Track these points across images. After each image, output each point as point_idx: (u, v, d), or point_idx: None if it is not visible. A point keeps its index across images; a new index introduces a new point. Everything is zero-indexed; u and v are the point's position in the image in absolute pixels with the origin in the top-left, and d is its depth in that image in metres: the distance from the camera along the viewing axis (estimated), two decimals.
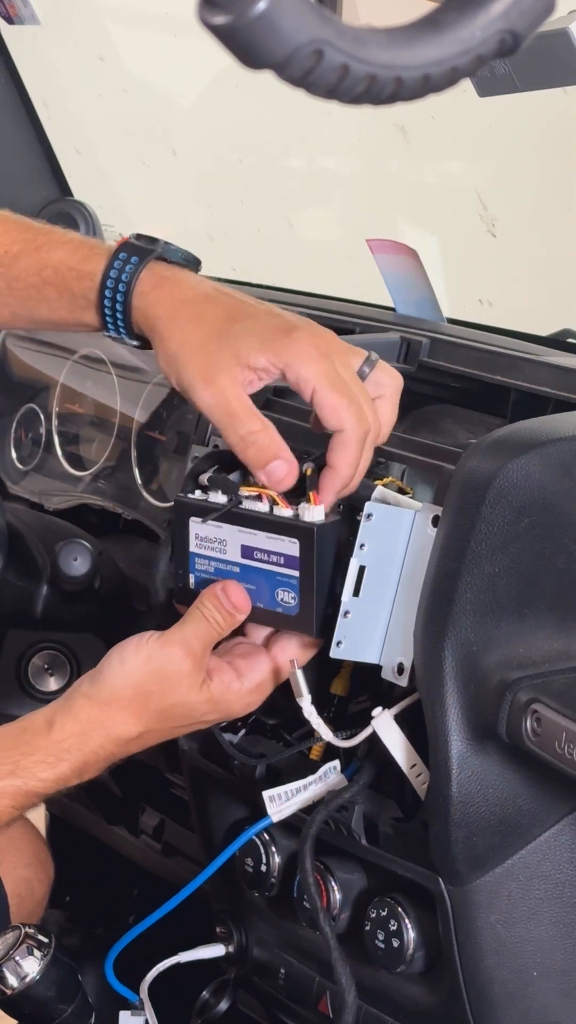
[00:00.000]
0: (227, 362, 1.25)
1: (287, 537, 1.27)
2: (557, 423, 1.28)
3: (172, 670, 1.27)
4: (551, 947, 1.26)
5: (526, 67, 1.41)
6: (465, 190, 2.18)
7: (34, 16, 2.18)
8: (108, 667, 1.29)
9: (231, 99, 2.35)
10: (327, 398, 1.24)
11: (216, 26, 0.74)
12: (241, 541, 1.30)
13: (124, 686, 1.28)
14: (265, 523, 1.28)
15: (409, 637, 1.24)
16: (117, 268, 1.32)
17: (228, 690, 1.29)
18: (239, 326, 1.27)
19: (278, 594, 1.28)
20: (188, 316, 1.29)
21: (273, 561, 1.28)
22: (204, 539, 1.33)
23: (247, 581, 1.30)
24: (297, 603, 1.27)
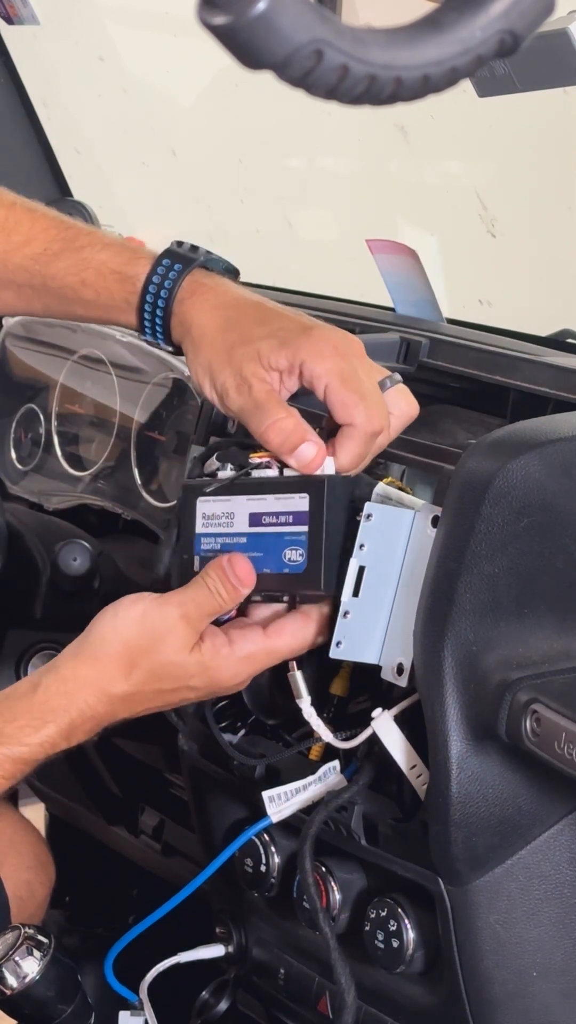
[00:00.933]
0: (251, 364, 1.27)
1: (297, 494, 1.27)
2: (557, 423, 1.28)
3: (165, 629, 1.26)
4: (551, 947, 1.26)
5: (526, 67, 1.41)
6: (465, 190, 2.18)
7: (34, 16, 2.18)
8: (100, 622, 1.28)
9: (231, 99, 2.35)
10: (338, 393, 1.25)
11: (216, 26, 0.74)
12: (249, 509, 1.30)
13: (114, 640, 1.27)
14: (275, 485, 1.29)
15: (409, 637, 1.24)
16: (160, 274, 1.34)
17: (218, 654, 1.27)
18: (263, 329, 1.28)
19: (285, 554, 1.28)
20: (220, 323, 1.30)
21: (282, 522, 1.28)
22: (211, 517, 1.33)
23: (254, 549, 1.29)
24: (305, 558, 1.27)
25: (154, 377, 1.85)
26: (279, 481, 1.29)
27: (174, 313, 1.33)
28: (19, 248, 1.41)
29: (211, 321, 1.31)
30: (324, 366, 1.26)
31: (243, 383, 1.27)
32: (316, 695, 1.31)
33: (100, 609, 1.76)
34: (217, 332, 1.30)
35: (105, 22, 2.49)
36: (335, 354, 1.26)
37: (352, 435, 1.26)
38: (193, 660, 1.27)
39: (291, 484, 1.28)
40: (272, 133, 2.41)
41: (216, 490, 1.32)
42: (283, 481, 1.28)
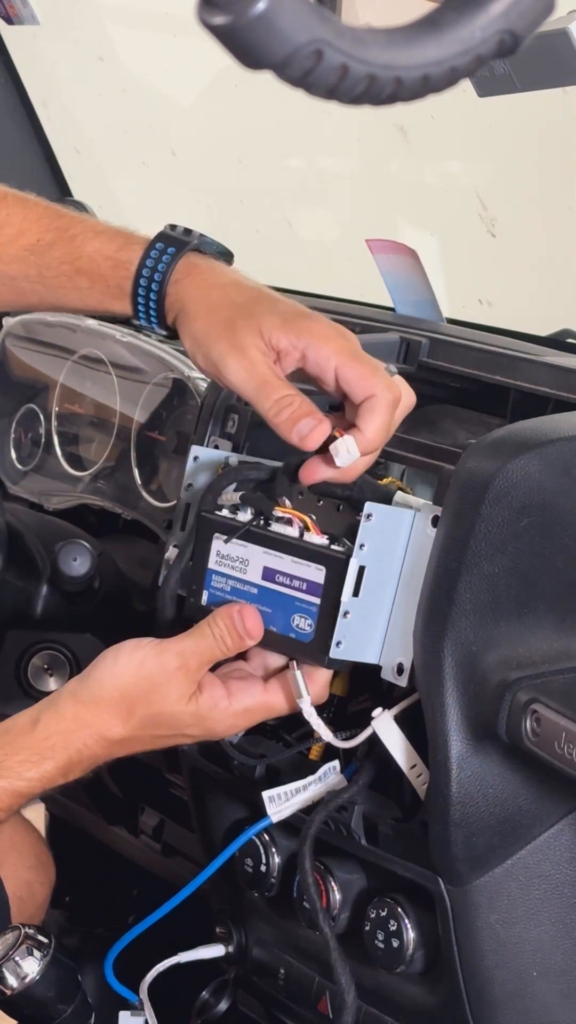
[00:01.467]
0: (253, 337, 1.25)
1: (314, 564, 1.26)
2: (557, 423, 1.28)
3: (163, 680, 1.27)
4: (551, 947, 1.26)
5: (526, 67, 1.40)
6: (465, 190, 2.18)
7: (34, 16, 2.18)
8: (100, 666, 1.29)
9: (231, 99, 2.35)
10: (352, 368, 1.24)
11: (215, 26, 0.74)
12: (265, 563, 1.30)
13: (112, 687, 1.27)
14: (294, 548, 1.28)
15: (409, 637, 1.24)
16: (153, 258, 1.33)
17: (215, 707, 1.28)
18: (263, 306, 1.27)
19: (294, 619, 1.28)
20: (216, 298, 1.29)
21: (295, 586, 1.28)
22: (225, 557, 1.32)
23: (264, 603, 1.30)
24: (313, 630, 1.26)
25: (154, 377, 1.85)
26: (298, 545, 1.28)
27: (168, 294, 1.32)
28: (13, 240, 1.41)
29: (206, 295, 1.30)
30: (330, 347, 1.24)
31: (243, 355, 1.25)
32: None
33: (100, 610, 1.76)
34: (214, 304, 1.28)
35: (105, 22, 2.49)
36: (337, 335, 1.26)
37: (375, 407, 1.23)
38: (189, 711, 1.27)
39: (310, 552, 1.27)
40: (272, 133, 2.41)
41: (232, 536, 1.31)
42: (302, 546, 1.27)
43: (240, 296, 1.29)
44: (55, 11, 2.32)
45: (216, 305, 1.29)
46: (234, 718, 1.29)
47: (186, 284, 1.31)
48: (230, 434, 1.50)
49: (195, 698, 1.27)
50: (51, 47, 2.42)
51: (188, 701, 1.27)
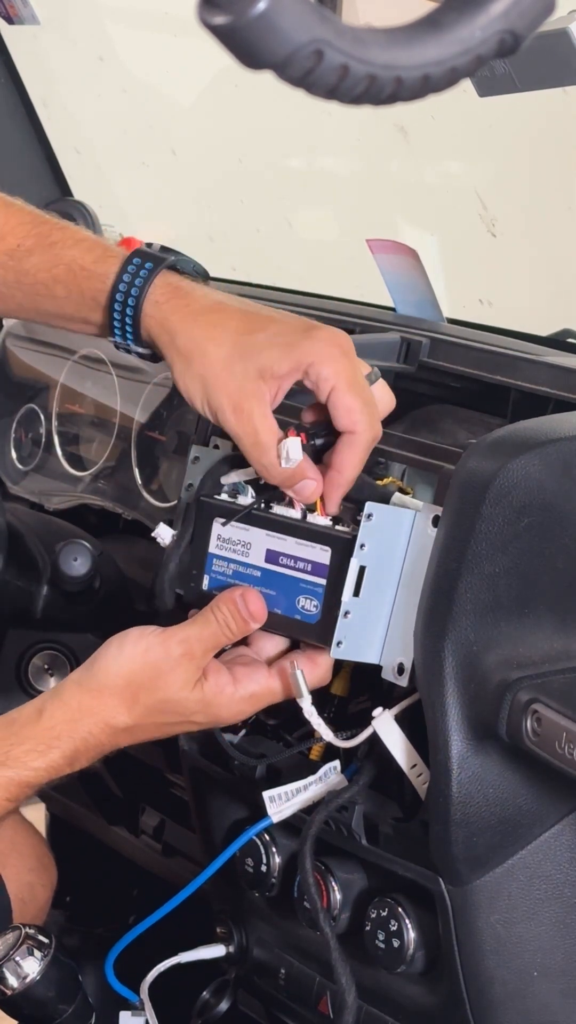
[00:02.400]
0: (253, 384, 1.25)
1: (319, 544, 1.26)
2: (557, 423, 1.28)
3: (168, 667, 1.27)
4: (551, 947, 1.26)
5: (526, 67, 1.40)
6: (465, 190, 2.18)
7: (34, 16, 2.18)
8: (105, 654, 1.29)
9: (231, 99, 2.35)
10: (344, 398, 1.25)
11: (216, 26, 0.74)
12: (268, 545, 1.30)
13: (117, 674, 1.27)
14: (298, 529, 1.28)
15: (409, 637, 1.24)
16: (131, 272, 1.32)
17: (221, 693, 1.28)
18: (259, 336, 1.27)
19: (299, 601, 1.28)
20: (205, 331, 1.28)
21: (300, 568, 1.28)
22: (226, 541, 1.32)
23: (267, 586, 1.30)
24: (319, 611, 1.27)
25: (154, 377, 1.85)
26: (302, 526, 1.28)
27: (149, 315, 1.31)
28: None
29: (194, 329, 1.29)
30: (332, 368, 1.25)
31: (240, 408, 1.26)
32: (316, 695, 1.31)
33: (100, 610, 1.76)
34: (208, 343, 1.27)
35: (105, 22, 2.49)
36: (342, 356, 1.26)
37: (353, 443, 1.26)
38: (195, 697, 1.28)
39: (315, 533, 1.27)
40: (272, 133, 2.41)
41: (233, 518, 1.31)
42: (307, 527, 1.28)
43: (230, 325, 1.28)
44: (55, 11, 2.32)
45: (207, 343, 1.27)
46: (240, 704, 1.29)
47: (169, 309, 1.30)
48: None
49: (200, 684, 1.28)
50: (51, 47, 2.42)
51: (193, 687, 1.27)
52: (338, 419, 1.26)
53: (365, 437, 1.26)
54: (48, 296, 1.38)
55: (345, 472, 1.26)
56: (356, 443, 1.26)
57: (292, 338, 1.26)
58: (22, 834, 1.68)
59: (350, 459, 1.26)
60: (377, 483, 1.32)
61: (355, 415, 1.25)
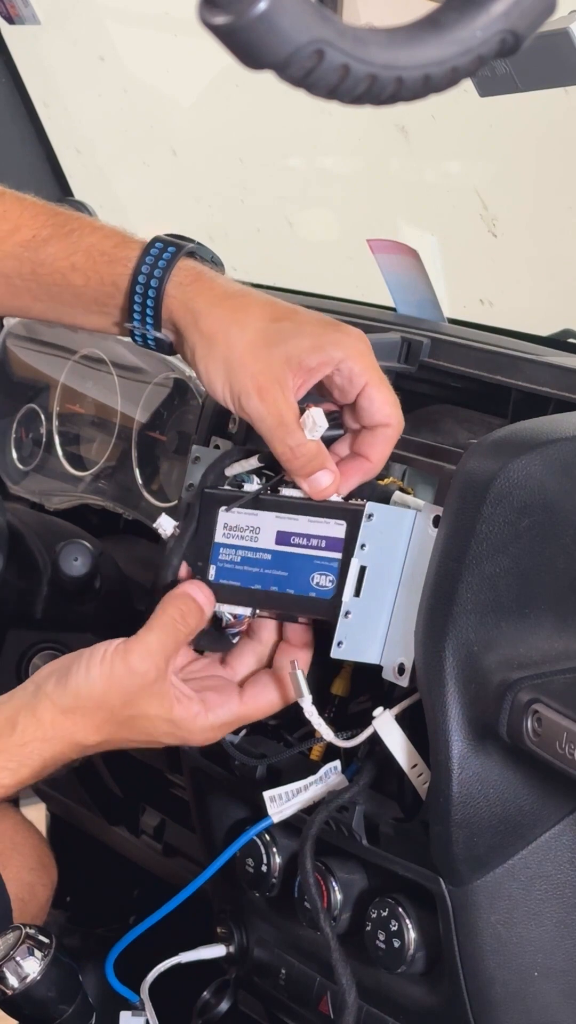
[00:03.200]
0: (279, 369, 1.25)
1: (333, 520, 1.27)
2: (558, 423, 1.28)
3: (134, 687, 1.26)
4: (552, 947, 1.26)
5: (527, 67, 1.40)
6: (465, 190, 2.18)
7: (34, 16, 2.18)
8: (75, 673, 1.28)
9: (231, 99, 2.35)
10: (380, 392, 1.27)
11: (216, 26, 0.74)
12: (278, 527, 1.30)
13: (88, 696, 1.27)
14: (309, 508, 1.28)
15: (410, 637, 1.23)
16: (153, 255, 1.31)
17: (192, 720, 1.28)
18: (285, 324, 1.26)
19: (313, 578, 1.27)
20: (230, 314, 1.27)
21: (313, 545, 1.28)
22: (233, 528, 1.32)
23: (279, 568, 1.29)
24: (335, 585, 1.26)
25: (155, 377, 1.85)
26: (314, 504, 1.28)
27: (172, 296, 1.30)
28: (8, 236, 1.39)
29: (223, 313, 1.27)
30: (363, 363, 1.26)
31: (266, 390, 1.25)
32: (317, 695, 1.31)
33: (100, 610, 1.76)
34: (234, 326, 1.26)
35: (106, 22, 2.49)
36: (369, 352, 1.27)
37: (388, 436, 1.28)
38: (164, 718, 1.28)
39: (328, 509, 1.27)
40: (273, 133, 2.41)
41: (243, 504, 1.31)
42: (319, 505, 1.28)
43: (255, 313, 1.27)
44: (56, 11, 2.32)
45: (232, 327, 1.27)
46: (209, 731, 1.30)
47: (194, 291, 1.30)
48: (231, 434, 1.50)
49: (171, 707, 1.27)
50: (52, 47, 2.42)
51: (162, 704, 1.27)
52: (373, 413, 1.27)
53: (396, 430, 1.28)
54: (65, 286, 1.37)
55: (376, 462, 1.29)
56: (389, 436, 1.28)
57: (321, 331, 1.26)
58: (22, 834, 1.68)
59: (383, 450, 1.28)
60: (378, 483, 1.32)
61: (388, 408, 1.27)
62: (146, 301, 1.31)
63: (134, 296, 1.32)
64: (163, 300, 1.30)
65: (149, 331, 1.33)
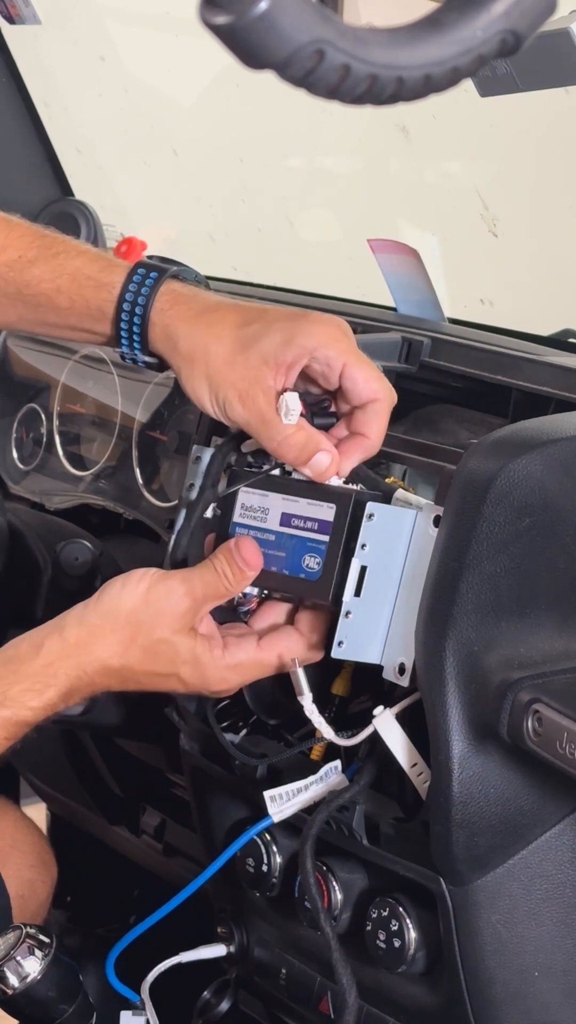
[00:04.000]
0: (257, 372, 1.27)
1: (326, 503, 1.28)
2: (558, 423, 1.28)
3: (169, 606, 1.28)
4: (552, 947, 1.26)
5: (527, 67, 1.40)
6: (466, 190, 2.18)
7: (35, 16, 2.18)
8: (108, 591, 1.29)
9: (232, 99, 2.35)
10: (360, 370, 1.28)
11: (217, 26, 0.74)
12: (283, 509, 1.32)
13: (118, 611, 1.28)
14: (310, 489, 1.30)
15: (410, 637, 1.24)
16: (136, 282, 1.34)
17: (210, 654, 1.29)
18: (256, 327, 1.29)
19: (304, 560, 1.29)
20: (205, 331, 1.31)
21: (308, 527, 1.30)
22: (248, 508, 1.34)
23: (280, 548, 1.31)
24: (320, 567, 1.28)
25: (156, 377, 1.85)
26: (312, 487, 1.30)
27: (154, 323, 1.33)
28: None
29: (199, 332, 1.31)
30: (337, 348, 1.27)
31: (247, 395, 1.28)
32: (317, 695, 1.31)
33: None
34: (210, 342, 1.30)
35: (106, 22, 2.49)
36: (343, 335, 1.29)
37: (379, 410, 1.29)
38: (187, 645, 1.28)
39: (323, 492, 1.29)
40: (273, 133, 2.41)
41: (255, 482, 1.33)
42: (316, 487, 1.30)
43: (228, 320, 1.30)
44: (56, 11, 2.32)
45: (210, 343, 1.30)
46: (226, 671, 1.30)
47: (173, 315, 1.33)
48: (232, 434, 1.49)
49: (194, 634, 1.28)
50: (52, 47, 2.42)
51: (188, 632, 1.28)
52: (359, 392, 1.28)
53: (387, 402, 1.29)
54: (50, 307, 1.40)
55: (374, 437, 1.29)
56: (381, 410, 1.29)
57: (291, 325, 1.28)
58: (23, 831, 1.68)
59: (378, 425, 1.29)
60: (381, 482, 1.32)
61: (374, 383, 1.28)
62: (132, 328, 1.34)
63: (120, 324, 1.35)
64: (148, 327, 1.33)
65: (138, 355, 1.36)
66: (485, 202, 2.11)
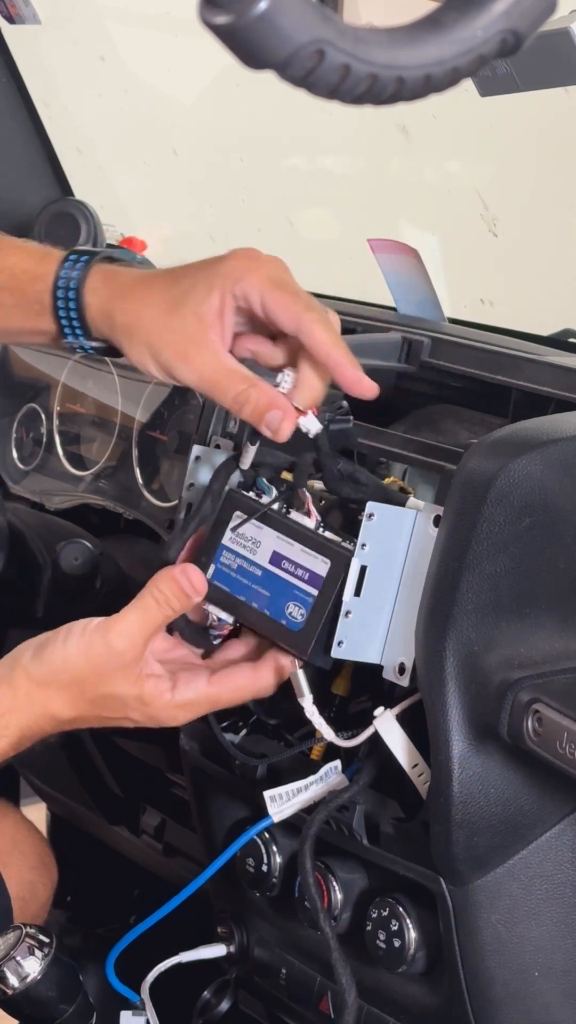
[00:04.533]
0: (193, 329, 1.24)
1: (321, 556, 1.27)
2: (558, 423, 1.28)
3: (112, 665, 1.27)
4: (552, 947, 1.26)
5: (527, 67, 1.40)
6: (466, 190, 2.18)
7: (35, 16, 2.18)
8: (52, 647, 1.29)
9: (232, 99, 2.35)
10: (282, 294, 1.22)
11: (217, 26, 0.74)
12: (275, 547, 1.30)
13: (63, 671, 1.28)
14: (307, 538, 1.28)
15: (410, 637, 1.23)
16: (67, 267, 1.33)
17: (159, 697, 1.28)
18: (184, 283, 1.26)
19: (288, 607, 1.28)
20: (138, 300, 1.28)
21: (298, 575, 1.28)
22: (240, 535, 1.33)
23: (265, 587, 1.30)
24: (304, 620, 1.27)
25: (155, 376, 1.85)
26: (312, 536, 1.28)
27: (90, 304, 1.31)
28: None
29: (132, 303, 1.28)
30: (252, 279, 1.23)
31: (187, 355, 1.25)
32: (318, 695, 1.31)
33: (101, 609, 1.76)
34: (144, 308, 1.27)
35: (106, 21, 2.49)
36: (260, 265, 1.24)
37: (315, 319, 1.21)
38: (134, 695, 1.28)
39: (319, 544, 1.27)
40: (273, 132, 2.41)
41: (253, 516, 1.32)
42: (313, 536, 1.28)
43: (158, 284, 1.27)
44: (56, 11, 2.32)
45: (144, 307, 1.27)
46: (175, 710, 1.29)
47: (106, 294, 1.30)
48: (231, 433, 1.50)
49: (142, 685, 1.28)
50: (52, 47, 2.42)
51: (134, 682, 1.28)
52: (289, 316, 1.22)
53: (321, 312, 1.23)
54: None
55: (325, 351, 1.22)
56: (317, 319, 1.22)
57: (210, 269, 1.25)
58: (23, 832, 1.68)
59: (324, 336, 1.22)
60: (380, 483, 1.32)
61: (300, 302, 1.22)
62: (70, 313, 1.33)
63: (58, 311, 1.33)
64: (84, 310, 1.32)
65: (83, 342, 1.34)
66: (485, 202, 2.11)
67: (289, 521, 1.30)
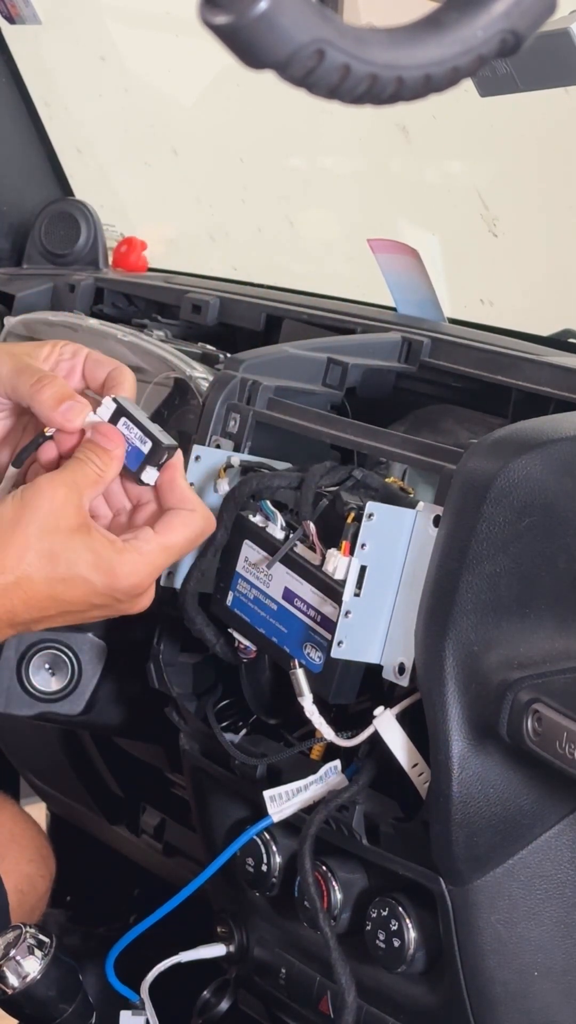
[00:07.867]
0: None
1: (330, 600, 1.26)
2: (558, 423, 1.28)
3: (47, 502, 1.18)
4: (552, 947, 1.26)
5: (527, 67, 1.41)
6: (466, 190, 2.18)
7: (35, 16, 2.18)
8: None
9: (232, 99, 2.35)
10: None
11: (217, 26, 0.73)
12: (286, 583, 1.30)
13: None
14: (315, 578, 1.28)
15: (410, 637, 1.24)
16: None
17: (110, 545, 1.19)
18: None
19: (306, 647, 1.28)
20: None
21: (311, 616, 1.28)
22: (252, 564, 1.33)
23: (282, 623, 1.30)
24: (323, 664, 1.27)
25: (156, 377, 1.85)
26: (319, 576, 1.27)
27: None
28: None
29: None
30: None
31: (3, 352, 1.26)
32: (318, 695, 1.31)
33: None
34: None
35: (107, 21, 2.49)
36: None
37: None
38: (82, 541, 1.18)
39: (329, 588, 1.26)
40: (274, 132, 2.41)
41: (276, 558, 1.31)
42: (322, 578, 1.27)
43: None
44: (57, 10, 2.32)
45: None
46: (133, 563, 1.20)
47: None
48: (231, 433, 1.50)
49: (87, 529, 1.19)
50: (53, 47, 2.42)
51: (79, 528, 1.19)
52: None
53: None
54: None
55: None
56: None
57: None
58: (21, 825, 1.68)
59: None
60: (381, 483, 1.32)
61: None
62: None
63: None
64: None
65: None
66: (485, 202, 2.11)
67: (295, 555, 1.30)
